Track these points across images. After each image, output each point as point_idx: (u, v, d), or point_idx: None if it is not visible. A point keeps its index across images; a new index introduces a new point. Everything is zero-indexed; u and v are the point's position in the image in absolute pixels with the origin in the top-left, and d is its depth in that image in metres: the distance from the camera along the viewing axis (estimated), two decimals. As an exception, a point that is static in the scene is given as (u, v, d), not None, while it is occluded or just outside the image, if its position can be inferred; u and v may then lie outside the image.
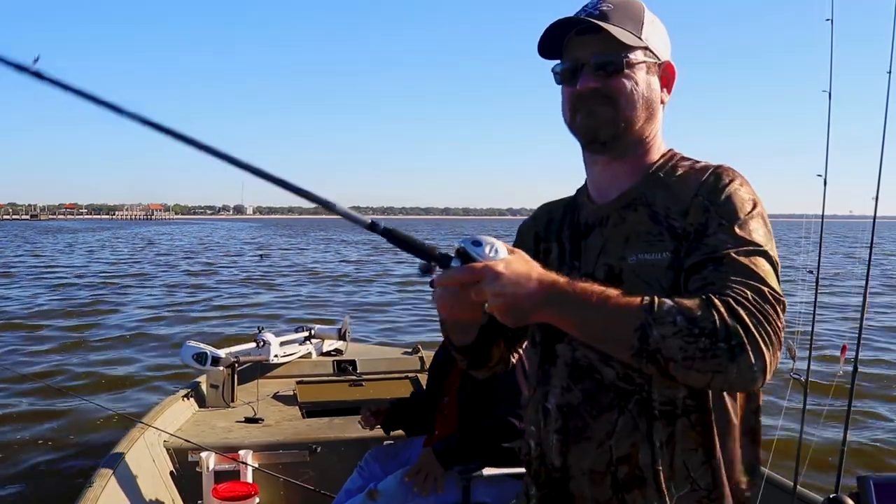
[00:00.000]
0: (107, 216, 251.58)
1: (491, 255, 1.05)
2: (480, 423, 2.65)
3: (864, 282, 2.61)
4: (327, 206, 1.05)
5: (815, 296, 2.60)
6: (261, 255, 33.45)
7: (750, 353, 1.01)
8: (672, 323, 1.02)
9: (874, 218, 2.60)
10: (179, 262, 28.25)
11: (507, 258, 1.05)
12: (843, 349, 2.62)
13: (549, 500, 1.33)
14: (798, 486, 2.44)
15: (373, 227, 1.06)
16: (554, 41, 1.27)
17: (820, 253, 2.60)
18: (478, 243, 1.06)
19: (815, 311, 2.62)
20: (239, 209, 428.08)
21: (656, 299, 1.04)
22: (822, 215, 2.64)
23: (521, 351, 1.51)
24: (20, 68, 1.12)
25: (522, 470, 1.43)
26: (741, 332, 1.01)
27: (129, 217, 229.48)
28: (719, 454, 1.21)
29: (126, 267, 24.92)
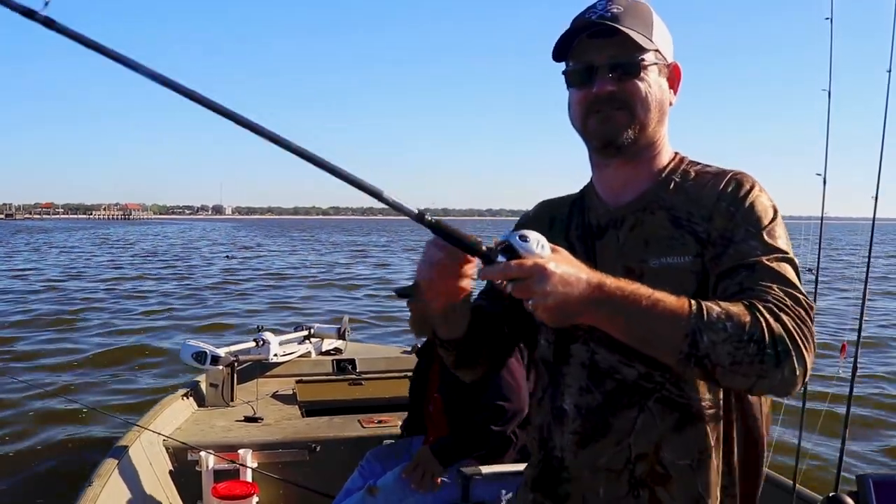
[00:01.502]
0: (84, 216, 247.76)
1: (538, 251, 1.01)
2: (470, 416, 2.66)
3: (863, 280, 2.61)
4: (375, 195, 0.99)
5: (815, 295, 2.60)
6: (227, 256, 32.57)
7: (794, 358, 1.03)
8: (723, 329, 1.02)
9: (874, 216, 2.60)
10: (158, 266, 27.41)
11: (555, 256, 1.02)
12: (843, 348, 2.62)
13: (552, 500, 1.32)
14: (797, 485, 2.44)
15: (420, 218, 1.00)
16: (562, 43, 1.26)
17: (819, 253, 2.61)
18: (524, 238, 1.01)
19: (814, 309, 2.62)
20: (218, 209, 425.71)
21: (703, 304, 1.05)
22: (822, 215, 2.64)
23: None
24: (27, 13, 0.98)
25: (521, 467, 1.43)
26: (786, 338, 1.03)
27: (106, 217, 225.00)
28: (739, 452, 1.23)
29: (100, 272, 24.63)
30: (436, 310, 1.22)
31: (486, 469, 2.57)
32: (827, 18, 2.53)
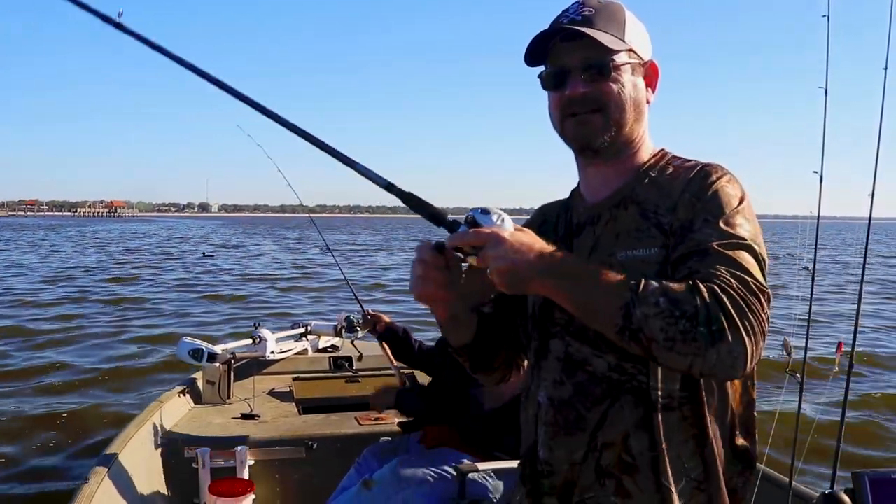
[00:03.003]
0: (69, 213, 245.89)
1: (498, 223, 1.11)
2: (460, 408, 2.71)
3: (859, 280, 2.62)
4: (349, 164, 1.15)
5: (811, 292, 2.60)
6: (204, 254, 31.27)
7: (730, 339, 1.02)
8: (655, 304, 1.04)
9: (870, 214, 2.60)
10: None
11: (514, 230, 1.11)
12: (839, 346, 2.62)
13: (536, 495, 1.35)
14: (793, 482, 2.45)
15: (389, 188, 1.13)
16: (537, 48, 1.29)
17: (816, 251, 2.61)
18: (486, 212, 1.12)
19: (810, 307, 2.62)
20: (204, 207, 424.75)
21: (643, 280, 1.06)
22: (819, 213, 2.64)
23: None
24: (106, 19, 1.33)
25: (516, 464, 1.45)
26: (722, 318, 1.02)
27: (91, 214, 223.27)
28: (713, 446, 1.23)
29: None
30: (440, 318, 1.31)
31: (482, 465, 2.57)
32: (824, 16, 2.52)
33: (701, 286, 1.05)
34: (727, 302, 1.03)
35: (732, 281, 1.06)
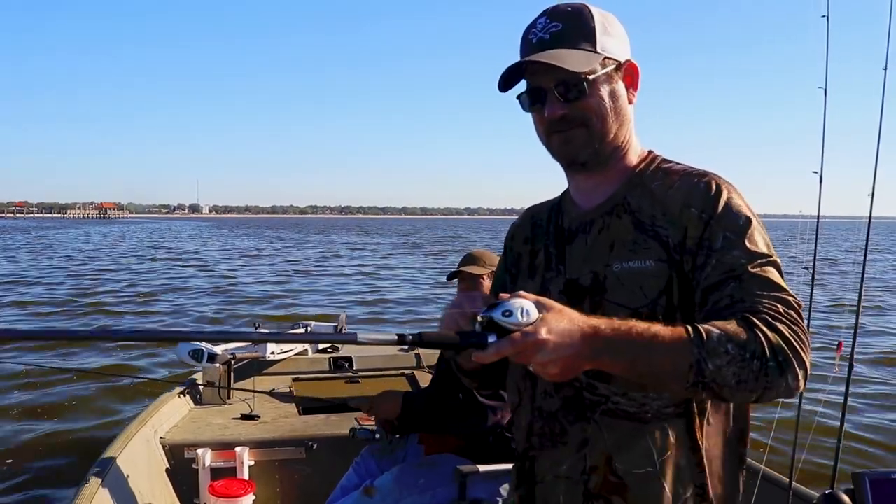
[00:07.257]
0: (58, 214, 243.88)
1: (524, 320, 1.00)
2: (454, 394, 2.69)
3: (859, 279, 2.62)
4: (352, 342, 1.03)
5: (811, 293, 2.60)
6: (152, 259, 27.14)
7: (795, 364, 1.05)
8: (725, 353, 1.03)
9: (870, 214, 2.60)
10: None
11: (543, 318, 1.00)
12: (839, 346, 2.62)
13: (528, 502, 1.36)
14: (793, 482, 2.45)
15: (402, 341, 1.03)
16: (507, 77, 1.25)
17: (816, 251, 2.61)
18: (508, 313, 1.00)
19: (810, 308, 2.62)
20: (195, 208, 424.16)
21: (702, 330, 1.04)
22: (818, 213, 2.64)
23: None
24: None
25: None
26: (785, 347, 1.04)
27: (81, 216, 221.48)
28: (709, 453, 1.23)
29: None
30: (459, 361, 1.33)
31: (483, 467, 2.57)
32: (823, 16, 2.52)
33: (755, 320, 1.06)
34: (783, 329, 1.05)
35: (778, 305, 1.08)
